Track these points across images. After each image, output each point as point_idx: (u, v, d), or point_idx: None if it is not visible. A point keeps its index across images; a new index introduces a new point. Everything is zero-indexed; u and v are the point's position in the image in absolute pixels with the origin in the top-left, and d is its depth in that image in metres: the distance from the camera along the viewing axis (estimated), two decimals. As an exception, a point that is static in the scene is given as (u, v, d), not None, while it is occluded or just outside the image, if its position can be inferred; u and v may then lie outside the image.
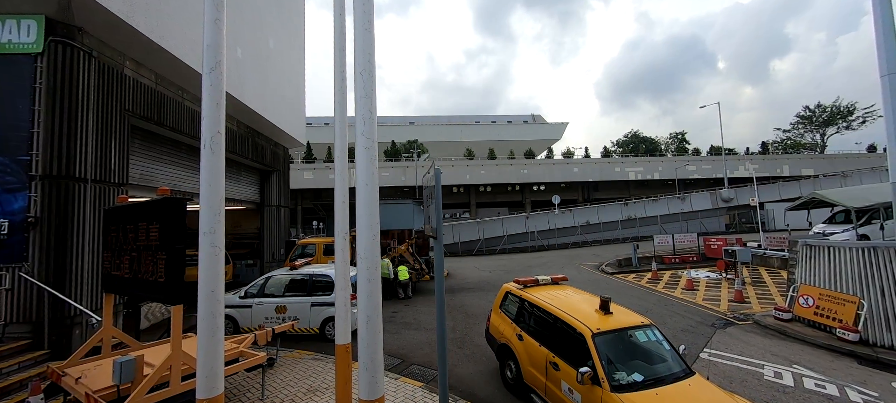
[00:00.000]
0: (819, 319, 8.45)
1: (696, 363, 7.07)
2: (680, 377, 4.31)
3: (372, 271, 3.27)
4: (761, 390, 6.06)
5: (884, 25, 8.96)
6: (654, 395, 3.96)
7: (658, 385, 4.15)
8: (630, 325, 4.77)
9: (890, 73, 8.88)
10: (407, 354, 7.38)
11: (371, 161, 3.31)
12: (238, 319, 7.70)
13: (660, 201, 28.15)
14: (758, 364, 6.98)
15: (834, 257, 8.59)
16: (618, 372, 4.26)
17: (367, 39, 3.44)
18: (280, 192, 14.45)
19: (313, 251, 12.59)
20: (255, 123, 12.20)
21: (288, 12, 14.53)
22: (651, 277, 14.64)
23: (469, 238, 24.61)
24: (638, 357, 4.55)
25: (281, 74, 13.60)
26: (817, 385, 6.17)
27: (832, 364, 6.99)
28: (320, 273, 7.99)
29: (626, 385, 4.11)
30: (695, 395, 4.02)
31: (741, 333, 8.61)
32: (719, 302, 11.06)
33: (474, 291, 13.15)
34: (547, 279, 6.52)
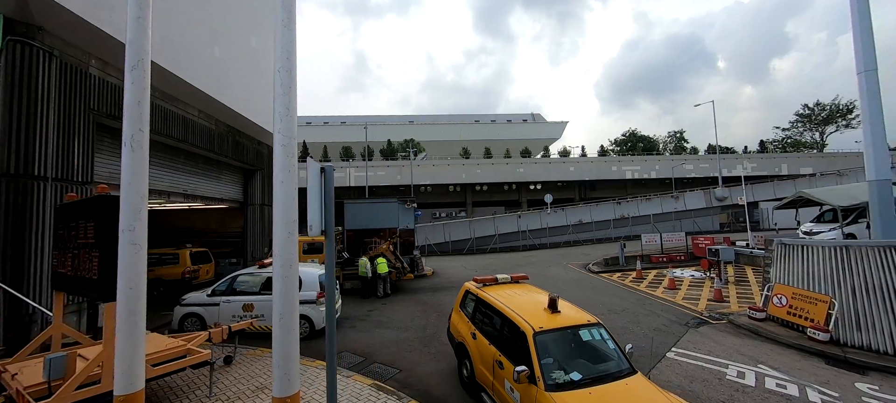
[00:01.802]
0: (792, 318, 8.38)
1: (661, 362, 7.04)
2: (620, 376, 4.29)
3: (287, 268, 3.27)
4: (721, 389, 6.02)
5: (860, 23, 8.87)
6: (587, 394, 3.94)
7: (596, 384, 4.12)
8: (575, 324, 4.75)
9: (866, 69, 8.79)
10: (372, 352, 7.38)
11: (288, 158, 3.30)
12: (205, 317, 7.72)
13: (653, 201, 28.00)
14: (723, 363, 6.92)
15: (807, 256, 8.51)
16: (556, 371, 4.23)
17: (287, 36, 3.43)
18: (264, 191, 14.48)
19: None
20: (236, 122, 12.23)
21: (269, 11, 14.53)
22: (635, 276, 14.57)
23: (459, 237, 24.59)
24: (581, 356, 4.53)
25: (266, 73, 13.61)
26: (778, 385, 6.12)
27: (799, 364, 6.93)
28: (288, 272, 7.99)
29: (561, 384, 4.08)
30: (629, 394, 3.99)
31: (713, 332, 8.55)
32: (698, 301, 10.99)
33: (454, 290, 13.12)
34: (506, 278, 6.49)
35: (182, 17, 9.16)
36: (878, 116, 8.68)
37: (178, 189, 10.39)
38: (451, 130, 62.13)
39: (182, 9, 9.15)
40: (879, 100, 8.71)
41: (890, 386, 6.12)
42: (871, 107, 8.69)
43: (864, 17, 8.84)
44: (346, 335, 8.33)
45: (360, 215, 15.24)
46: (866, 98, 8.75)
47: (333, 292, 2.56)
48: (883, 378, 6.39)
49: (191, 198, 11.02)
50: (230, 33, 11.37)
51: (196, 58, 9.57)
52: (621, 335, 8.36)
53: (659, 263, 17.01)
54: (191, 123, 10.10)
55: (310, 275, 7.96)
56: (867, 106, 8.73)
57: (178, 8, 8.98)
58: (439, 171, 41.17)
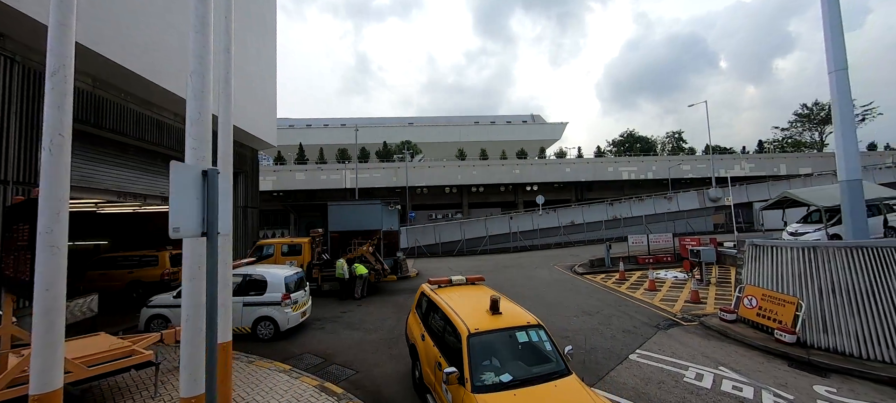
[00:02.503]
0: (761, 320, 8.31)
1: (622, 364, 7.00)
2: (553, 377, 4.28)
3: (195, 269, 3.32)
4: (675, 391, 5.98)
5: (831, 23, 8.81)
6: (511, 396, 3.94)
7: (526, 386, 4.13)
8: (513, 325, 4.75)
9: (837, 69, 8.72)
10: (334, 354, 7.41)
11: (199, 160, 3.35)
12: (171, 318, 7.79)
13: (646, 201, 27.83)
14: (684, 365, 6.88)
15: (776, 257, 8.44)
16: (486, 373, 4.24)
17: (200, 42, 3.49)
18: (247, 193, 14.59)
19: (272, 252, 12.68)
20: (215, 126, 12.31)
21: (256, 16, 14.68)
22: (618, 277, 14.50)
23: (450, 239, 24.58)
24: (517, 357, 4.53)
25: (246, 76, 13.74)
26: (735, 387, 6.07)
27: (761, 366, 6.87)
28: (254, 274, 8.06)
29: (489, 385, 4.09)
30: (554, 395, 3.99)
31: (682, 334, 8.50)
32: (675, 303, 10.92)
33: (436, 291, 13.13)
34: (461, 279, 6.50)
35: (155, 21, 9.28)
36: (848, 116, 8.61)
37: (155, 192, 10.50)
38: (451, 131, 62.28)
39: (156, 14, 9.26)
40: (850, 100, 8.64)
41: (849, 389, 6.06)
42: (842, 107, 8.62)
43: (834, 16, 8.78)
44: (313, 336, 8.36)
45: (343, 217, 15.30)
46: (837, 98, 8.68)
47: (216, 298, 2.59)
48: (843, 381, 6.32)
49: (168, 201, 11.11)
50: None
51: (170, 62, 9.66)
52: (589, 337, 8.34)
53: (645, 264, 16.90)
54: (166, 127, 10.21)
55: (276, 277, 8.01)
56: (838, 106, 8.66)
57: (151, 13, 9.09)
58: (435, 172, 41.22)
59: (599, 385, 6.23)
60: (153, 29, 9.12)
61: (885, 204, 14.34)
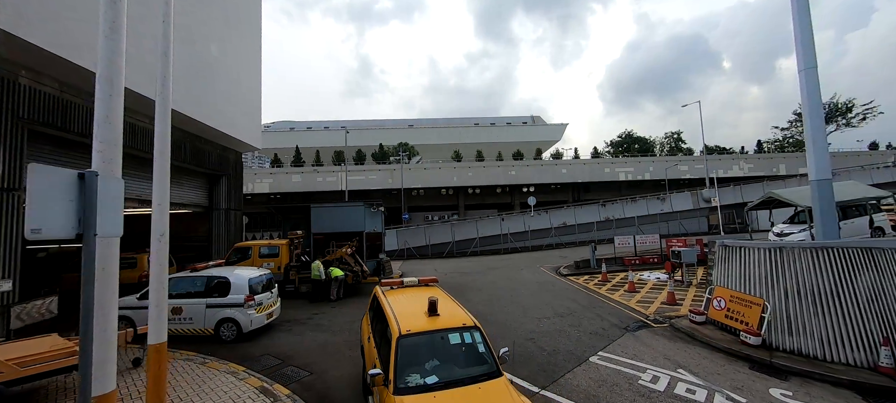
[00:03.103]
0: (729, 322, 8.21)
1: (580, 366, 6.92)
2: (481, 379, 4.25)
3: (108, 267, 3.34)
4: (627, 394, 5.91)
5: (801, 21, 8.72)
6: (431, 398, 3.92)
7: (452, 387, 4.11)
8: (447, 327, 4.72)
9: (806, 68, 8.62)
10: (293, 356, 7.41)
11: (106, 164, 3.37)
12: (135, 319, 7.84)
13: (639, 202, 27.61)
14: (642, 367, 6.80)
15: (744, 258, 8.34)
16: (412, 375, 4.22)
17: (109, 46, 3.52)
18: (230, 195, 14.69)
19: (250, 254, 12.72)
20: (194, 128, 12.44)
21: (238, 19, 14.82)
22: (600, 279, 14.41)
23: (440, 240, 24.54)
24: (449, 359, 4.50)
25: (228, 79, 13.86)
26: (688, 391, 5.99)
27: (722, 369, 6.77)
28: (218, 276, 8.10)
29: (412, 387, 4.07)
30: (476, 398, 3.96)
31: (650, 336, 8.41)
32: (651, 304, 10.81)
33: (415, 293, 13.11)
34: (413, 281, 6.48)
35: (129, 27, 9.36)
36: (817, 115, 8.51)
37: (131, 195, 10.60)
38: (451, 133, 62.44)
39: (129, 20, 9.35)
40: (819, 98, 8.53)
41: (805, 392, 5.96)
42: (811, 105, 8.52)
43: (803, 15, 8.69)
44: (277, 337, 8.38)
45: (326, 219, 15.33)
46: (807, 96, 8.58)
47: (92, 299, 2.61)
48: (801, 384, 6.22)
49: (146, 204, 11.22)
50: (185, 42, 11.57)
51: (143, 67, 9.75)
52: (555, 339, 8.27)
53: (631, 265, 16.77)
54: (139, 130, 10.32)
55: (239, 278, 8.05)
56: (808, 104, 8.56)
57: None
58: (431, 174, 41.24)
59: (553, 387, 6.18)
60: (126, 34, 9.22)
61: (872, 204, 14.12)
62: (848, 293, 6.98)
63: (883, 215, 14.06)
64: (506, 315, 10.10)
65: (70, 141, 8.79)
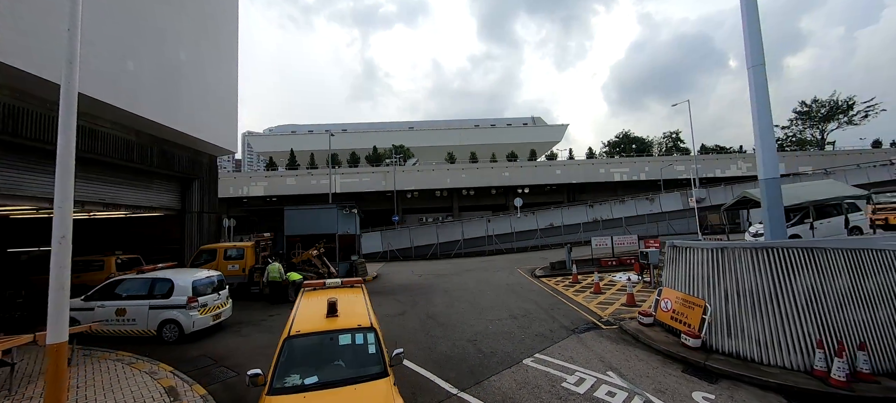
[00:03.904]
0: (674, 324, 8.07)
1: (510, 368, 6.85)
2: (364, 379, 4.26)
3: None
4: (544, 396, 5.85)
5: (749, 17, 8.57)
6: (302, 398, 3.94)
7: (331, 387, 4.13)
8: (340, 328, 4.73)
9: (754, 65, 8.48)
10: (229, 356, 7.47)
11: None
12: (80, 320, 7.98)
13: (627, 203, 27.29)
14: (571, 370, 6.72)
15: (690, 258, 8.19)
16: (292, 375, 4.24)
17: None
18: (203, 199, 14.90)
19: (215, 256, 12.87)
20: (161, 133, 12.65)
21: (212, 25, 15.06)
22: (571, 280, 14.29)
23: (424, 242, 24.54)
24: (335, 359, 4.51)
25: (200, 84, 14.09)
26: (609, 393, 5.90)
27: (653, 371, 6.66)
28: (161, 278, 8.22)
29: (287, 387, 4.10)
30: (351, 398, 3.97)
31: (594, 338, 8.31)
32: (611, 306, 10.68)
33: (381, 294, 13.12)
34: (336, 283, 6.50)
35: (86, 34, 9.58)
36: (766, 112, 8.35)
37: (94, 198, 10.82)
38: (451, 135, 62.61)
39: (86, 27, 9.58)
40: (767, 95, 8.38)
41: (729, 396, 5.82)
42: (759, 102, 8.36)
43: (752, 12, 8.56)
44: (222, 339, 8.46)
45: (299, 221, 15.48)
46: (755, 93, 8.42)
47: None
48: (729, 388, 6.08)
49: (112, 207, 11.45)
50: (151, 47, 11.80)
51: (101, 72, 9.97)
52: (498, 341, 8.20)
53: (608, 267, 16.59)
54: (99, 134, 10.53)
55: (183, 280, 8.16)
56: (756, 101, 8.41)
57: (81, 27, 9.40)
58: (424, 176, 41.31)
59: (474, 389, 6.13)
60: (81, 41, 9.44)
61: (850, 203, 13.79)
62: (787, 294, 6.82)
63: (861, 215, 13.71)
64: (459, 317, 10.07)
65: (25, 146, 9.01)
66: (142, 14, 11.49)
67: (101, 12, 10.01)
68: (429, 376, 6.60)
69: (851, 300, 6.71)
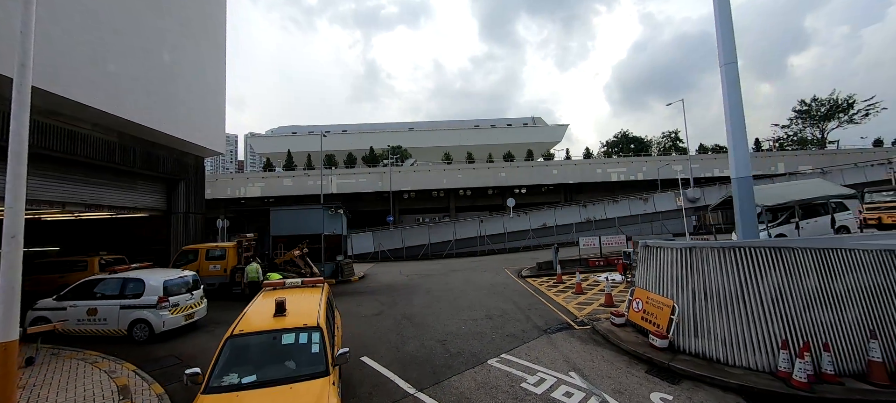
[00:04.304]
0: (644, 324, 8.00)
1: (474, 368, 6.82)
2: (303, 379, 4.26)
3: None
4: (501, 396, 5.83)
5: (721, 17, 8.51)
6: (234, 397, 3.95)
7: (268, 386, 4.14)
8: (284, 328, 4.74)
9: (726, 62, 8.40)
10: (197, 356, 7.49)
11: None
12: (52, 320, 8.05)
13: (621, 203, 27.14)
14: (534, 370, 6.69)
15: (661, 258, 8.13)
16: (231, 374, 4.25)
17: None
18: (189, 199, 14.99)
19: (197, 256, 12.95)
20: (145, 134, 12.76)
21: (198, 28, 15.17)
22: (555, 280, 14.24)
23: (415, 243, 24.55)
24: (277, 359, 4.52)
25: (184, 86, 14.20)
26: (566, 394, 5.86)
27: (616, 372, 6.61)
28: (133, 278, 8.28)
29: (224, 386, 4.11)
30: (285, 397, 3.97)
31: (565, 338, 8.26)
32: (590, 306, 10.62)
33: (363, 295, 13.13)
34: (296, 282, 6.53)
35: (64, 38, 9.70)
36: (738, 110, 8.27)
37: (75, 199, 10.92)
38: (451, 135, 62.66)
39: (64, 32, 9.69)
40: (739, 94, 8.30)
41: (687, 397, 5.77)
42: (731, 100, 8.28)
43: (724, 10, 8.49)
44: (193, 338, 8.50)
45: (285, 222, 15.55)
46: (727, 91, 8.35)
47: None
48: (689, 389, 6.02)
49: (94, 208, 11.55)
50: (134, 50, 11.91)
51: (81, 74, 10.07)
52: (468, 341, 8.18)
53: (596, 267, 16.52)
54: (80, 136, 10.64)
55: (154, 280, 8.22)
56: (728, 99, 8.33)
57: (59, 31, 9.51)
58: (420, 177, 41.33)
59: (432, 389, 6.11)
60: (62, 46, 9.54)
61: (838, 202, 13.64)
62: (753, 294, 6.74)
63: (849, 214, 13.56)
64: (435, 317, 10.05)
65: None
66: (124, 17, 11.60)
67: (81, 15, 10.11)
68: (390, 376, 6.60)
69: (819, 301, 6.63)
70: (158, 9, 13.09)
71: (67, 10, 9.76)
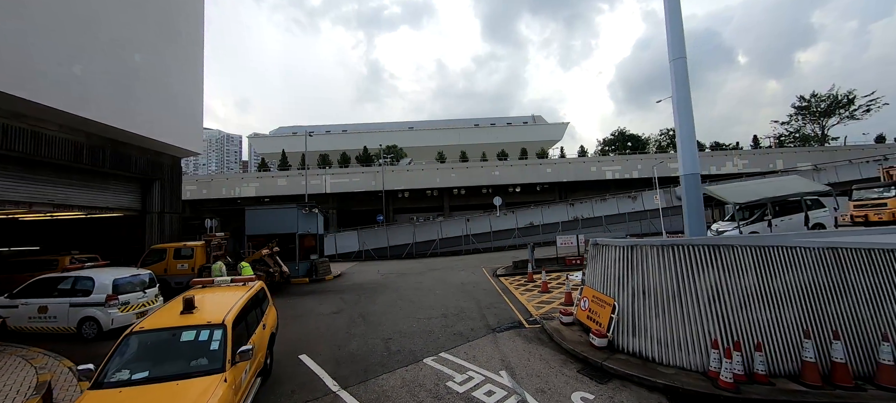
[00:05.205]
0: (589, 322, 7.92)
1: (407, 367, 6.79)
2: (194, 375, 4.29)
3: None
4: (421, 394, 5.80)
5: (671, 11, 8.37)
6: (117, 393, 3.99)
7: (154, 383, 4.17)
8: (185, 325, 4.76)
9: (675, 58, 8.27)
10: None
11: None
12: (4, 316, 8.21)
13: (608, 201, 26.87)
14: (465, 368, 6.65)
15: (606, 256, 8.04)
16: (124, 370, 4.29)
17: None
18: (164, 199, 15.17)
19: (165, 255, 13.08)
20: (115, 135, 12.91)
21: (173, 29, 15.33)
22: (526, 279, 14.16)
23: (400, 242, 24.57)
24: (171, 356, 4.55)
25: (158, 87, 14.35)
26: (487, 393, 5.82)
27: (548, 371, 6.55)
28: (83, 276, 8.40)
29: (113, 382, 4.15)
30: (168, 394, 4.00)
31: (510, 337, 8.21)
32: (551, 305, 10.54)
33: (333, 293, 13.16)
34: (225, 280, 6.57)
35: (27, 41, 9.86)
36: (686, 106, 8.14)
37: (42, 199, 11.11)
38: (450, 135, 62.68)
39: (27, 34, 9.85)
40: (688, 90, 8.16)
41: (609, 397, 5.69)
42: (679, 96, 8.16)
43: (673, 7, 8.36)
44: (143, 336, 8.61)
45: (259, 221, 15.67)
46: (676, 86, 8.22)
47: None
48: (614, 388, 5.94)
49: (64, 208, 11.74)
50: (103, 51, 12.05)
51: (45, 77, 10.21)
52: (413, 340, 8.15)
53: (571, 265, 16.40)
54: (45, 138, 10.81)
55: (102, 278, 8.33)
56: (676, 95, 8.21)
57: (24, 34, 9.66)
58: (414, 176, 41.39)
59: (355, 388, 6.10)
60: (26, 48, 9.69)
61: (813, 200, 13.35)
62: (690, 293, 6.63)
63: (826, 211, 13.26)
64: (391, 316, 10.05)
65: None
66: (93, 19, 11.76)
67: (47, 18, 10.27)
68: (320, 374, 6.61)
69: (757, 300, 6.49)
70: (129, 9, 13.24)
71: (31, 11, 9.92)
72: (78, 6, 11.29)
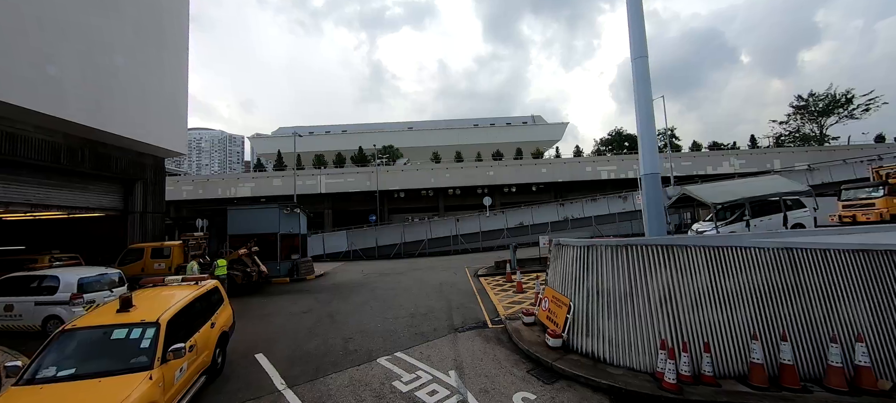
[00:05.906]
0: (548, 322, 7.89)
1: (359, 366, 6.81)
2: (120, 372, 4.33)
3: None
4: (364, 393, 5.82)
5: (633, 10, 8.34)
6: (38, 389, 4.04)
7: (78, 380, 4.22)
8: (117, 323, 4.81)
9: (638, 56, 8.24)
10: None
11: None
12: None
13: (599, 201, 26.75)
14: (417, 368, 6.66)
15: (566, 256, 8.01)
16: (50, 367, 4.34)
17: None
18: (147, 200, 15.30)
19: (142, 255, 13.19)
20: (94, 136, 13.03)
21: (154, 29, 15.45)
22: (504, 280, 14.14)
23: (389, 242, 24.61)
24: (101, 354, 4.59)
25: (139, 88, 14.47)
26: (430, 393, 5.81)
27: (496, 371, 6.54)
28: (50, 274, 8.51)
29: (37, 379, 4.20)
30: (88, 391, 4.04)
31: (470, 337, 8.20)
32: (519, 305, 10.51)
33: (311, 293, 13.21)
34: (175, 280, 6.62)
35: (2, 42, 9.98)
36: (647, 104, 8.10)
37: (19, 199, 11.24)
38: (450, 135, 62.82)
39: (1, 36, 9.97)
40: (649, 88, 8.12)
41: (550, 398, 5.67)
42: (641, 94, 8.11)
43: (635, 7, 8.32)
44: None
45: (241, 221, 15.76)
46: (638, 84, 8.18)
47: None
48: (560, 388, 5.91)
49: (42, 208, 11.88)
50: (80, 51, 12.15)
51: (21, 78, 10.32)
52: (372, 340, 8.16)
53: (554, 266, 16.34)
54: (21, 138, 10.94)
55: (67, 277, 8.42)
56: (637, 94, 8.17)
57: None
58: (409, 176, 41.46)
59: (302, 387, 6.10)
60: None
61: (790, 200, 13.23)
62: (642, 293, 6.59)
63: (806, 211, 13.14)
64: (359, 316, 10.06)
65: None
66: (70, 19, 11.87)
67: (21, 19, 10.39)
68: (270, 373, 6.64)
69: (708, 301, 6.44)
70: (109, 10, 13.36)
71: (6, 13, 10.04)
72: (54, 5, 11.41)
